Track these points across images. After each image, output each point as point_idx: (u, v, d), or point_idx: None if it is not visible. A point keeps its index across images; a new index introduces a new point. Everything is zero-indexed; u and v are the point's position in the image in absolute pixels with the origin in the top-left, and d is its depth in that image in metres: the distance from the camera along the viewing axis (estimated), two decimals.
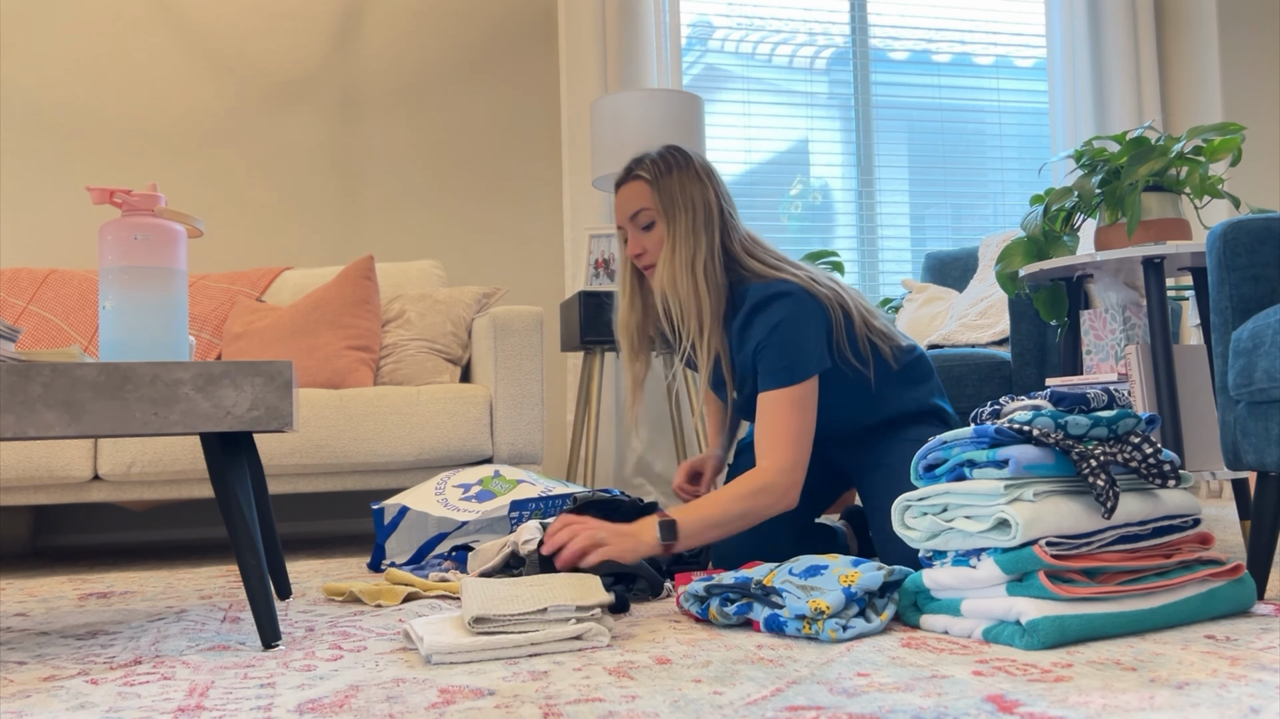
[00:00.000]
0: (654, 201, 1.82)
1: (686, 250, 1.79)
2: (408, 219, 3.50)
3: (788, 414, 1.74)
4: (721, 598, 1.52)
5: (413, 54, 3.53)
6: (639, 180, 1.85)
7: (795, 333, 1.75)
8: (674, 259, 1.79)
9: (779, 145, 3.90)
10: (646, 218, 1.83)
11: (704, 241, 1.79)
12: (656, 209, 1.82)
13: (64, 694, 1.22)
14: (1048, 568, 1.33)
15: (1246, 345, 1.60)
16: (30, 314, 2.86)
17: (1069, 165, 3.86)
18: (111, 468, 2.42)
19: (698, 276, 1.78)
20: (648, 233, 1.84)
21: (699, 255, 1.78)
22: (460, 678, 1.23)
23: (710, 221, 1.81)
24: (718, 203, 1.84)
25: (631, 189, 1.86)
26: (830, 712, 1.04)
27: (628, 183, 1.87)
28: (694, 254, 1.78)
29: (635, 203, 1.85)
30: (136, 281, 1.57)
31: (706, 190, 1.83)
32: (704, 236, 1.79)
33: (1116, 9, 3.96)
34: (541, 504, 2.17)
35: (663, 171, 1.83)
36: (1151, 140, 2.25)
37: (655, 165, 1.85)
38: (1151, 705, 1.03)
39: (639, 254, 1.85)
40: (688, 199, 1.81)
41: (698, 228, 1.80)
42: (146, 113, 3.33)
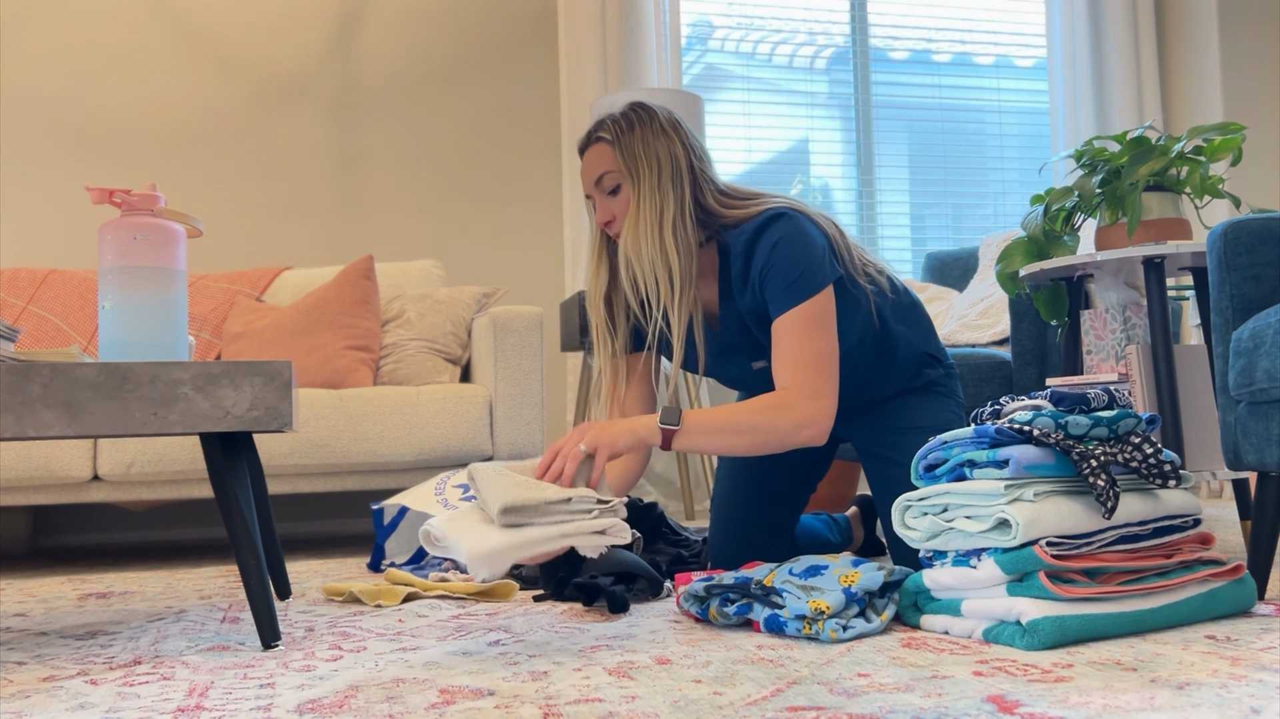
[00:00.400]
0: (617, 162, 1.70)
1: (653, 209, 1.66)
2: (408, 219, 3.50)
3: (807, 333, 1.61)
4: (721, 598, 1.51)
5: (413, 54, 3.53)
6: (601, 143, 1.73)
7: (797, 245, 1.63)
8: (639, 219, 1.66)
9: (779, 145, 3.90)
10: (611, 181, 1.71)
11: (671, 198, 1.67)
12: (620, 169, 1.69)
13: (64, 694, 1.22)
14: (1048, 568, 1.33)
15: (1247, 345, 1.60)
16: (30, 314, 2.86)
17: (1069, 165, 3.86)
18: (111, 468, 2.42)
19: (664, 236, 1.65)
20: (614, 197, 1.71)
21: (666, 213, 1.66)
22: (460, 678, 1.23)
23: (678, 176, 1.68)
24: (686, 156, 1.70)
25: (594, 153, 1.73)
26: (830, 712, 1.04)
27: (590, 146, 1.75)
28: (661, 212, 1.66)
29: (599, 166, 1.72)
30: (136, 281, 1.57)
31: (673, 144, 1.70)
32: (671, 193, 1.67)
33: (1116, 9, 3.96)
34: None
35: (624, 130, 1.70)
36: (1152, 140, 2.25)
37: (616, 124, 1.72)
38: (1152, 706, 1.03)
39: (608, 221, 1.72)
40: (651, 156, 1.68)
41: (664, 184, 1.67)
42: (147, 113, 3.33)
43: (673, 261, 1.65)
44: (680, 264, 1.66)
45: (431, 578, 2.09)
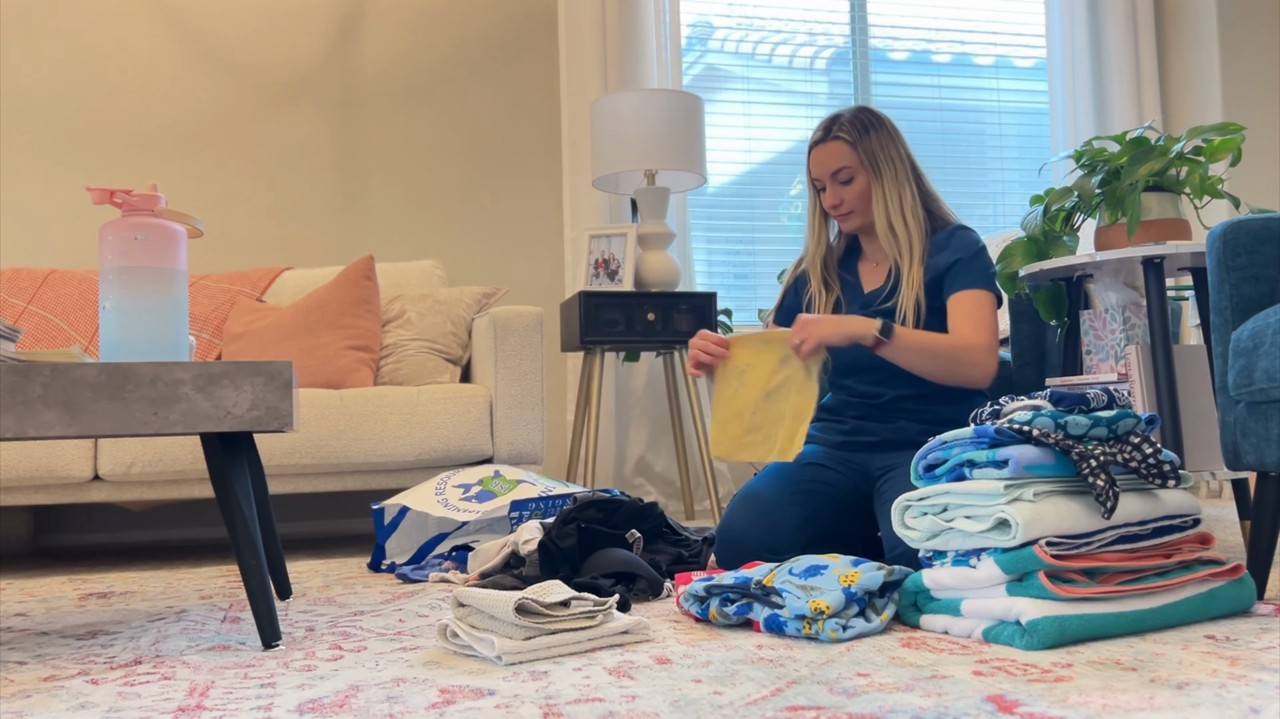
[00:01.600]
0: (855, 159, 2.03)
1: (895, 199, 2.03)
2: (408, 219, 3.50)
3: (988, 309, 1.96)
4: (721, 598, 1.52)
5: (413, 54, 3.53)
6: (839, 140, 2.04)
7: (990, 262, 2.01)
8: (887, 207, 2.03)
9: (779, 145, 3.90)
10: (846, 174, 2.04)
11: (909, 190, 2.04)
12: (859, 165, 2.03)
13: (64, 694, 1.22)
14: (1048, 568, 1.34)
15: (1246, 345, 1.61)
16: (30, 314, 2.86)
17: (1069, 165, 3.86)
18: (111, 468, 2.42)
19: (907, 219, 2.03)
20: (846, 186, 2.05)
21: (906, 202, 2.03)
22: (460, 678, 1.24)
23: (909, 174, 2.06)
24: (909, 158, 2.07)
25: (832, 148, 2.05)
26: (830, 712, 1.04)
27: (827, 142, 2.06)
28: (902, 201, 2.03)
29: (836, 160, 2.04)
30: (136, 281, 1.57)
31: (900, 147, 2.06)
32: (908, 186, 2.04)
33: (1116, 9, 3.96)
34: (541, 504, 2.17)
35: (861, 132, 2.04)
36: (1151, 140, 2.25)
37: (853, 126, 2.04)
38: (1151, 705, 1.03)
39: (837, 204, 2.06)
40: (888, 155, 2.04)
41: (901, 179, 2.04)
42: (147, 113, 3.33)
43: (914, 239, 2.02)
44: (921, 241, 2.03)
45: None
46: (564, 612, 1.36)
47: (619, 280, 3.11)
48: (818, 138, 2.08)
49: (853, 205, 2.06)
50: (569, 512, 1.90)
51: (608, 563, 1.74)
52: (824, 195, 2.10)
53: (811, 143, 2.10)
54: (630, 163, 3.09)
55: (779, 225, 3.88)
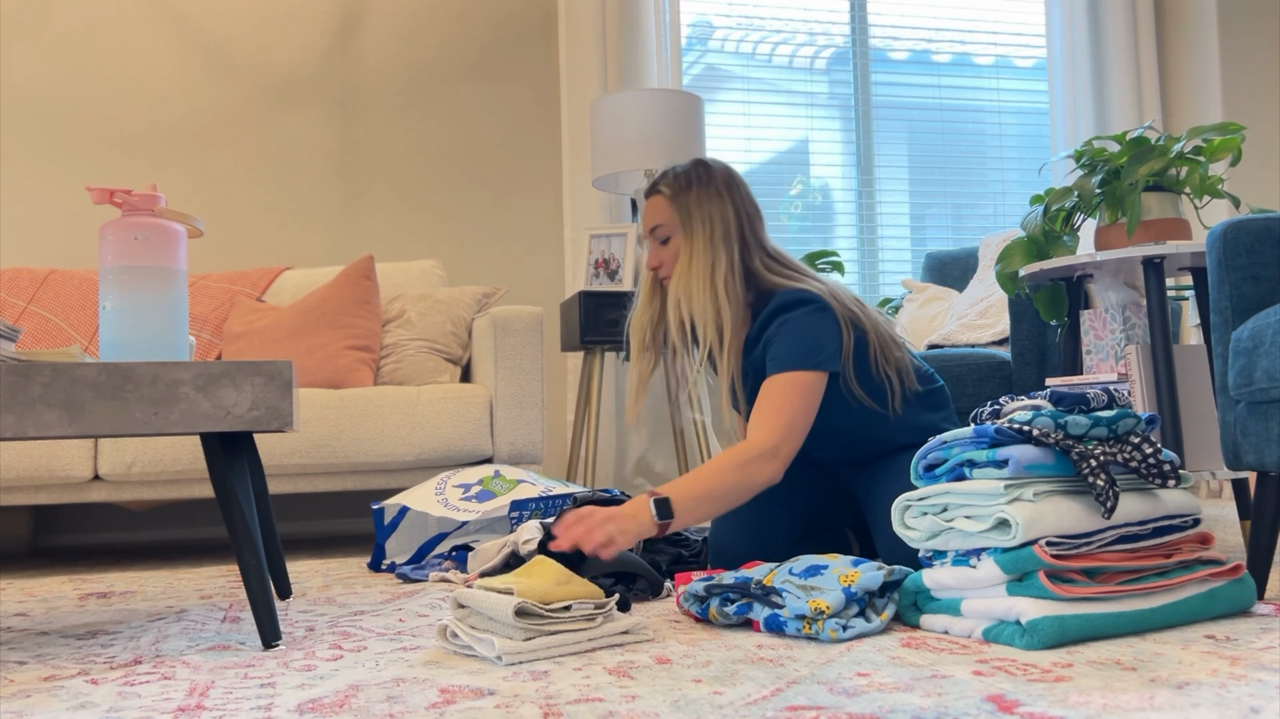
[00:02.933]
0: (672, 217, 1.85)
1: (704, 264, 1.80)
2: (408, 219, 3.50)
3: (789, 393, 1.72)
4: (721, 598, 1.52)
5: (413, 54, 3.53)
6: (659, 195, 1.88)
7: (812, 330, 1.75)
8: (690, 272, 1.81)
9: (779, 145, 3.90)
10: (664, 233, 1.87)
11: (723, 256, 1.81)
12: (674, 224, 1.85)
13: (64, 694, 1.22)
14: (1048, 568, 1.34)
15: (1246, 345, 1.61)
16: (30, 314, 2.86)
17: (1069, 165, 3.86)
18: (112, 468, 2.42)
19: (716, 289, 1.80)
20: (664, 247, 1.87)
21: (718, 269, 1.80)
22: (460, 678, 1.24)
23: (729, 236, 1.83)
24: (736, 219, 1.84)
25: (652, 203, 1.89)
26: (830, 712, 1.04)
27: (650, 196, 1.90)
28: (712, 268, 1.80)
29: (655, 217, 1.88)
30: (136, 281, 1.57)
31: (724, 206, 1.84)
32: (723, 251, 1.81)
33: (1116, 9, 3.96)
34: (541, 504, 2.17)
35: (682, 187, 1.85)
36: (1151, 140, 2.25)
37: (676, 181, 1.87)
38: (1151, 705, 1.03)
39: (656, 266, 1.88)
40: (704, 214, 1.82)
41: (715, 242, 1.81)
42: (147, 113, 3.33)
43: (723, 313, 1.80)
44: (730, 315, 1.80)
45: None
46: (564, 614, 1.36)
47: (619, 280, 3.11)
48: (646, 189, 1.91)
49: (670, 269, 1.86)
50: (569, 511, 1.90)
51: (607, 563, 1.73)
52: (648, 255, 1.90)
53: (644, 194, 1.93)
54: (630, 163, 3.09)
55: (779, 225, 3.88)
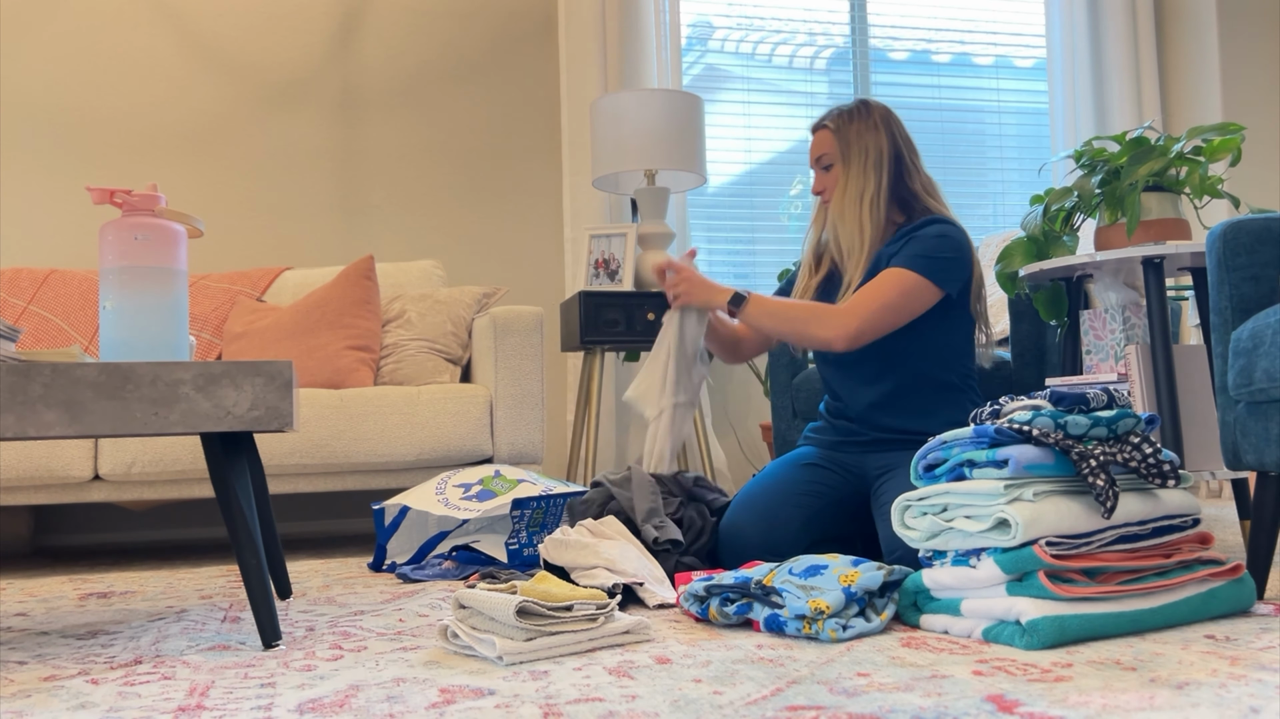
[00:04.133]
0: (834, 147, 2.06)
1: (856, 187, 2.03)
2: (408, 219, 3.50)
3: (892, 287, 1.91)
4: (721, 598, 1.52)
5: (413, 54, 3.53)
6: (824, 129, 2.10)
7: (942, 247, 1.95)
8: (845, 193, 2.04)
9: (779, 145, 3.90)
10: (827, 160, 2.08)
11: (872, 180, 2.02)
12: (835, 153, 2.06)
13: (64, 694, 1.22)
14: (1048, 568, 1.34)
15: (1246, 345, 1.61)
16: (31, 314, 2.86)
17: (1069, 165, 3.86)
18: (112, 468, 2.42)
19: (863, 209, 2.02)
20: (827, 173, 2.09)
21: (866, 191, 2.02)
22: (460, 678, 1.24)
23: (880, 164, 2.03)
24: (890, 148, 2.05)
25: (819, 137, 2.11)
26: (830, 712, 1.04)
27: (819, 130, 2.11)
28: (862, 190, 2.02)
29: (819, 148, 2.10)
30: (137, 281, 1.57)
31: (880, 137, 2.05)
32: (873, 176, 2.02)
33: (1116, 9, 3.96)
34: (542, 503, 2.17)
35: (845, 121, 2.07)
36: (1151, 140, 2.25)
37: (840, 116, 2.08)
38: (1151, 705, 1.03)
39: (820, 190, 2.11)
40: (861, 145, 2.04)
41: (867, 169, 2.03)
42: (147, 113, 3.33)
43: (865, 230, 2.02)
44: (870, 233, 2.02)
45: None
46: (566, 614, 1.37)
47: (619, 280, 3.11)
48: (813, 126, 2.16)
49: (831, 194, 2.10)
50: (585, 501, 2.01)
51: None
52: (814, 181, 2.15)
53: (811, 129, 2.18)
54: (630, 163, 3.09)
55: (779, 225, 3.88)
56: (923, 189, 2.08)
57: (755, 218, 3.85)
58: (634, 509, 1.94)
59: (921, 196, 2.07)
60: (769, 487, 2.01)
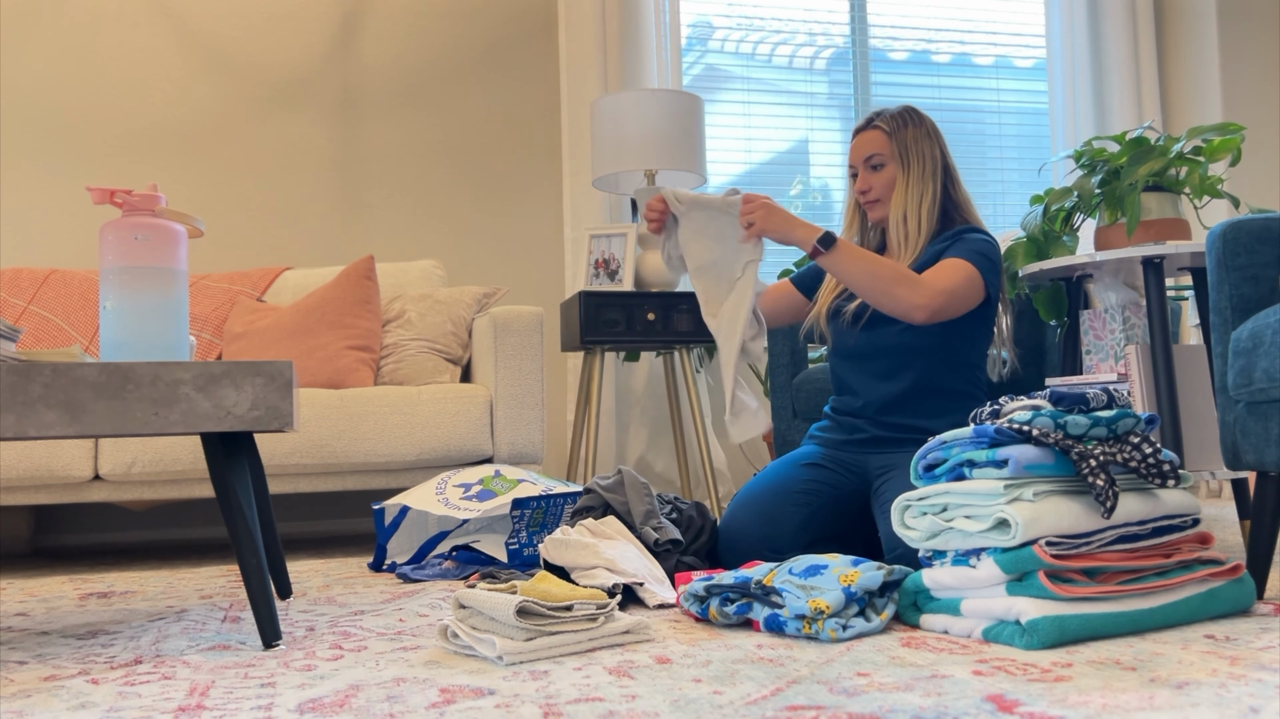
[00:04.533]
0: (889, 149, 2.08)
1: (916, 192, 2.07)
2: (408, 219, 3.50)
3: (962, 276, 1.94)
4: (721, 598, 1.52)
5: (413, 54, 3.53)
6: (878, 130, 2.11)
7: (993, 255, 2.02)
8: (906, 197, 2.07)
9: (779, 145, 3.90)
10: (878, 160, 2.09)
11: (930, 188, 2.07)
12: (891, 155, 2.08)
13: (64, 694, 1.22)
14: (1047, 567, 1.34)
15: (1246, 345, 1.61)
16: (31, 314, 2.86)
17: (1069, 165, 3.86)
18: (112, 468, 2.42)
19: (921, 215, 2.06)
20: (876, 173, 2.10)
21: (925, 198, 2.07)
22: (460, 678, 1.24)
23: (935, 173, 2.09)
24: (942, 159, 2.11)
25: (869, 136, 2.11)
26: (830, 711, 1.05)
27: (867, 130, 2.12)
28: (921, 197, 2.07)
29: (871, 147, 2.10)
30: (137, 281, 1.57)
31: (934, 147, 2.10)
32: (930, 184, 2.07)
33: (1116, 9, 3.96)
34: (543, 503, 2.17)
35: (900, 125, 2.10)
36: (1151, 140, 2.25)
37: (893, 120, 2.11)
38: (1151, 705, 1.03)
39: (865, 190, 2.11)
40: (919, 151, 2.08)
41: (925, 176, 2.07)
42: (147, 113, 3.33)
43: (918, 235, 2.06)
44: (924, 238, 2.07)
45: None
46: (566, 614, 1.37)
47: (619, 280, 3.11)
48: (860, 125, 2.15)
49: (879, 193, 2.10)
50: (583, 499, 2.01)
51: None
52: (855, 182, 2.15)
53: (854, 130, 2.17)
54: (630, 163, 3.09)
55: None
56: (964, 200, 2.13)
57: None
58: (630, 512, 1.94)
59: (962, 207, 2.13)
60: (769, 485, 2.01)
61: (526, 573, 2.00)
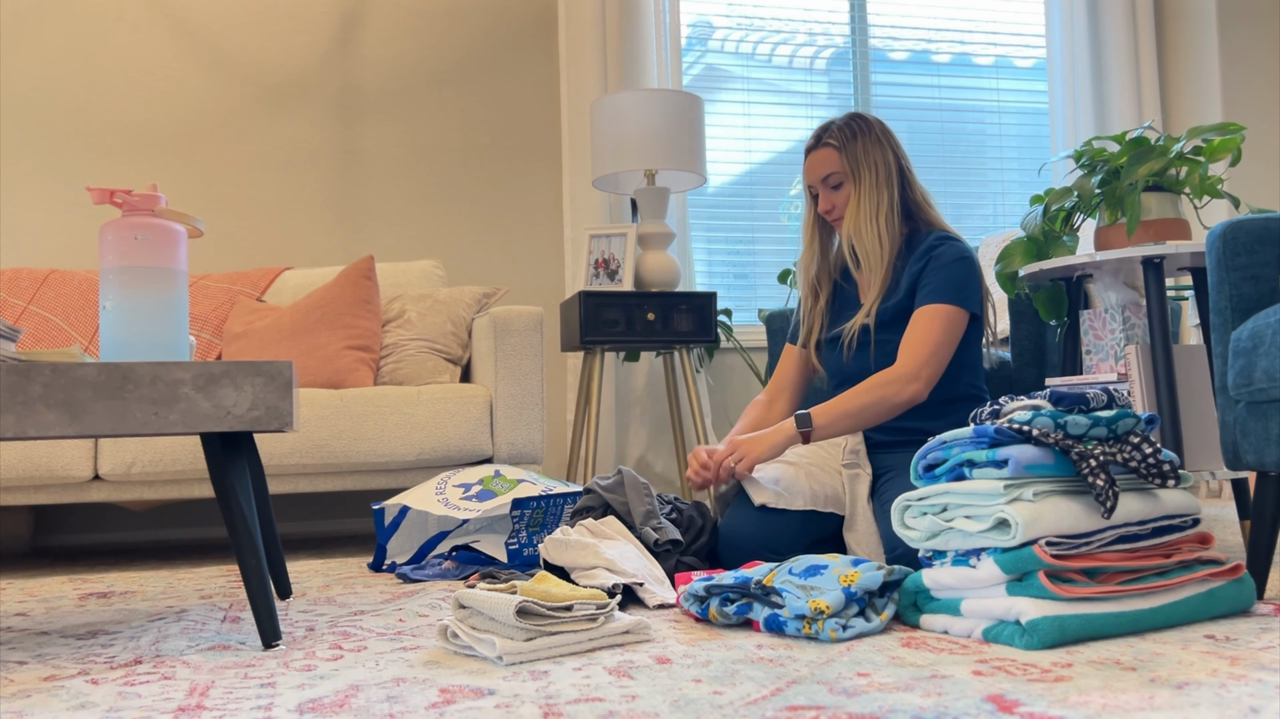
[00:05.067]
0: (841, 164, 2.07)
1: (871, 204, 2.05)
2: (408, 219, 3.50)
3: (939, 327, 1.96)
4: (721, 598, 1.52)
5: (413, 54, 3.53)
6: (828, 147, 2.09)
7: (961, 271, 2.00)
8: (859, 211, 2.05)
9: (779, 145, 3.90)
10: (835, 179, 2.08)
11: (885, 196, 2.05)
12: (844, 170, 2.07)
13: (64, 694, 1.22)
14: (1047, 568, 1.34)
15: (1246, 345, 1.61)
16: (31, 314, 2.86)
17: (1069, 165, 3.86)
18: (112, 468, 2.42)
19: (880, 225, 2.04)
20: (836, 191, 2.09)
21: (881, 207, 2.04)
22: (460, 678, 1.24)
23: (890, 179, 2.06)
24: (896, 162, 2.09)
25: (821, 155, 2.10)
26: (830, 712, 1.05)
27: (817, 149, 2.10)
28: (877, 207, 2.04)
29: (825, 167, 2.09)
30: (137, 281, 1.57)
31: (885, 152, 2.07)
32: (885, 191, 2.05)
33: (1116, 9, 3.96)
34: (542, 503, 2.17)
35: (848, 138, 2.07)
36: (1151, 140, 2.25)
37: (841, 132, 2.09)
38: (1151, 705, 1.03)
39: (829, 209, 2.10)
40: (871, 160, 2.05)
41: (879, 185, 2.05)
42: (147, 113, 3.33)
43: (884, 245, 2.05)
44: (889, 247, 2.05)
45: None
46: (566, 614, 1.37)
47: (619, 280, 3.11)
48: (810, 144, 2.13)
49: (841, 211, 2.09)
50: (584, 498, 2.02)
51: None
52: (818, 201, 2.14)
53: (805, 149, 2.15)
54: (630, 163, 3.09)
55: (779, 225, 3.88)
56: (922, 198, 2.12)
57: (755, 218, 3.85)
58: (630, 513, 1.94)
59: (923, 206, 2.11)
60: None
61: (526, 573, 2.00)
